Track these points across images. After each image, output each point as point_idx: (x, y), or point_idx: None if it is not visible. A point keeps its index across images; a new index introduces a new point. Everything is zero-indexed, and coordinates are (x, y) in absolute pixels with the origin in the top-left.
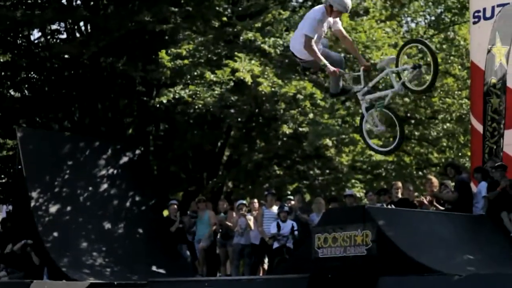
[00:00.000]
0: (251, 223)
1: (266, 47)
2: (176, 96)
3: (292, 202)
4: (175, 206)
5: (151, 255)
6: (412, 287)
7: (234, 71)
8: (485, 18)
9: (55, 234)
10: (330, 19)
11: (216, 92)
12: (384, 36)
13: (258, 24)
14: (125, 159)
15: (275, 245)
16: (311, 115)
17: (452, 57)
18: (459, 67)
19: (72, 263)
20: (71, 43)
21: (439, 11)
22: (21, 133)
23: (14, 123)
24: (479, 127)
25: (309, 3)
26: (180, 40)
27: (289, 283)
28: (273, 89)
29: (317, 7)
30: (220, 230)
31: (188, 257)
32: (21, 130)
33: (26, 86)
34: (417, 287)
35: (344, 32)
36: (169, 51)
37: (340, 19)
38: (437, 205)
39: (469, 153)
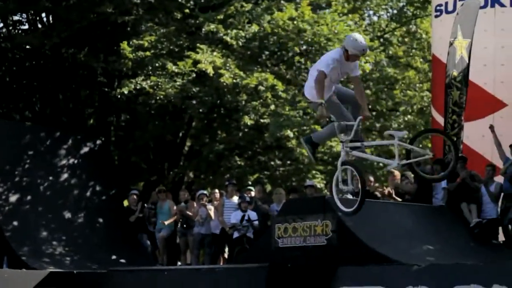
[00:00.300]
0: (212, 213)
1: (228, 39)
2: (138, 87)
3: (252, 193)
4: (135, 196)
5: (111, 245)
6: (371, 277)
7: (196, 62)
8: (447, 12)
9: (15, 223)
10: (349, 64)
11: (178, 83)
12: (346, 29)
13: (221, 16)
14: (85, 149)
15: (235, 234)
16: (272, 107)
17: (413, 50)
18: (421, 60)
19: (32, 252)
20: (33, 34)
21: (401, 4)
22: None
23: None
24: (440, 119)
25: None
26: (142, 32)
27: (249, 272)
28: (234, 80)
29: (334, 49)
30: (181, 220)
31: (148, 246)
32: None
33: None
34: (376, 277)
35: (359, 80)
36: (131, 43)
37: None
38: (396, 197)
39: (429, 145)
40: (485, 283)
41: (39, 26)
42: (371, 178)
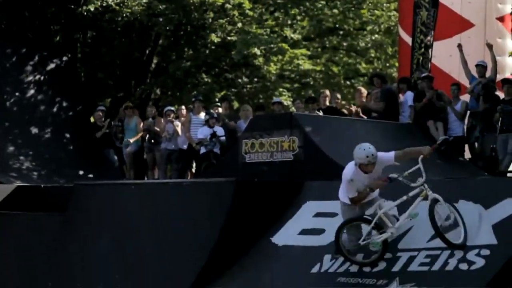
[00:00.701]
0: (179, 129)
1: None
2: (104, 4)
3: (220, 109)
4: (100, 113)
5: (78, 160)
6: (337, 192)
7: None
8: None
9: None
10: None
11: (144, 0)
12: None
13: None
14: (52, 65)
15: (202, 150)
16: (239, 25)
17: None
18: None
19: None
20: None
21: None
22: None
23: None
24: (407, 38)
25: None
26: None
27: (216, 186)
28: None
29: (348, 167)
30: (148, 135)
31: (115, 161)
32: None
33: None
34: None
35: (398, 154)
36: None
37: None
38: (363, 115)
39: (397, 64)
40: (452, 198)
41: None
42: (338, 96)
